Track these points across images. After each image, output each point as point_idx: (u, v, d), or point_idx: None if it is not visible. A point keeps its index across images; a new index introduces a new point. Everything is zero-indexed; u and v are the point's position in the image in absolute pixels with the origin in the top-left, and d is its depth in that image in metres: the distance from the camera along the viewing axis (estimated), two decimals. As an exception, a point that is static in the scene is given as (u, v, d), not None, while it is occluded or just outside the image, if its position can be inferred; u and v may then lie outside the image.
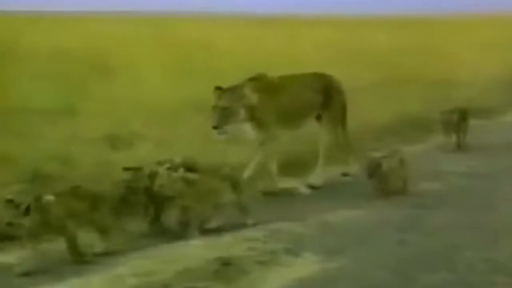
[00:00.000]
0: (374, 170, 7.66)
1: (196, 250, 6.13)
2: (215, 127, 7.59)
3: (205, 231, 6.50)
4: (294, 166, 8.55)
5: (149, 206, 6.61)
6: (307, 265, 5.86)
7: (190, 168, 6.59)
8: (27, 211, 5.52)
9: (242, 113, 7.76)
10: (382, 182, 7.72)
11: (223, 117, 7.60)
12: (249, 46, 13.08)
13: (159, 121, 9.29)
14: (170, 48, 12.23)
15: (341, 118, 8.66)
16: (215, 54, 12.16)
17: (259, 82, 8.02)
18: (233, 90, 7.76)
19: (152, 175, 6.49)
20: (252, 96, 7.82)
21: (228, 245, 6.28)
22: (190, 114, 9.31)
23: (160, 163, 6.62)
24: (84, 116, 9.21)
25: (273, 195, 7.94)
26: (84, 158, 7.71)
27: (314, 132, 8.56)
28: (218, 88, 7.72)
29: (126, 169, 6.58)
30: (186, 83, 10.50)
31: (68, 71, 9.65)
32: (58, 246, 5.97)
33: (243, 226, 6.69)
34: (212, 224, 6.65)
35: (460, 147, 10.24)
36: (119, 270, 5.65)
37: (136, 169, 6.57)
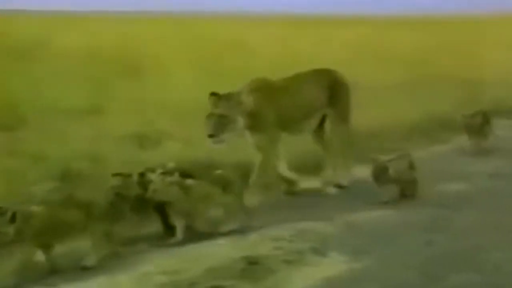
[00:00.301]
0: (380, 174, 7.51)
1: (222, 249, 6.17)
2: (210, 136, 7.26)
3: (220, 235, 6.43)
4: (311, 165, 8.45)
5: (148, 213, 6.45)
6: (334, 265, 5.87)
7: (184, 174, 6.45)
8: (12, 218, 5.38)
9: (240, 120, 7.42)
10: (393, 186, 7.56)
11: (220, 125, 7.27)
12: (279, 46, 13.10)
13: (186, 121, 9.34)
14: (199, 48, 12.28)
15: (346, 115, 8.25)
16: (245, 54, 12.19)
17: (257, 86, 7.72)
18: (230, 97, 7.40)
19: (142, 182, 6.35)
20: (249, 102, 7.51)
21: (254, 244, 6.30)
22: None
23: (151, 170, 6.45)
24: (113, 115, 9.29)
25: (294, 195, 7.93)
26: (112, 156, 7.78)
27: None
28: (213, 94, 7.37)
29: (115, 175, 6.37)
30: (215, 83, 10.48)
31: (97, 71, 9.75)
32: (83, 243, 6.09)
33: (250, 228, 6.57)
34: (225, 227, 6.52)
35: (485, 149, 10.16)
36: (146, 268, 5.71)
37: (126, 176, 6.38)
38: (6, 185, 6.41)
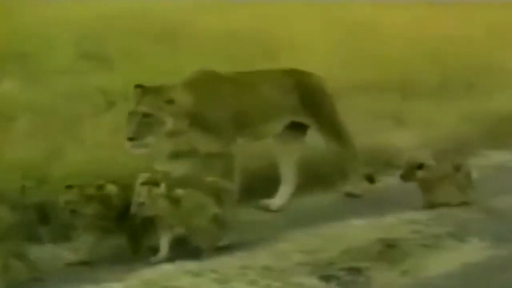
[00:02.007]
0: (409, 173, 6.70)
1: (358, 231, 6.18)
2: (130, 139, 5.94)
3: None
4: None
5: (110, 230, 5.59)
6: (473, 251, 5.77)
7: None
8: None
9: (170, 122, 6.03)
10: (424, 189, 6.77)
11: (143, 126, 5.93)
12: (416, 29, 12.83)
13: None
14: (337, 29, 12.22)
15: (333, 125, 7.07)
16: (382, 37, 12.03)
17: (196, 82, 6.43)
18: (158, 92, 6.06)
19: (101, 196, 5.53)
20: (185, 100, 6.17)
21: (391, 226, 6.27)
22: (354, 95, 9.32)
23: (112, 181, 5.68)
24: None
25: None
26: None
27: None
28: (138, 86, 6.08)
29: (68, 187, 5.49)
30: (352, 65, 10.48)
31: (236, 52, 9.91)
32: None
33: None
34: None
35: None
36: (285, 246, 5.81)
37: (82, 188, 5.51)
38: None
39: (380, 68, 8.89)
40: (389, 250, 5.75)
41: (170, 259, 5.46)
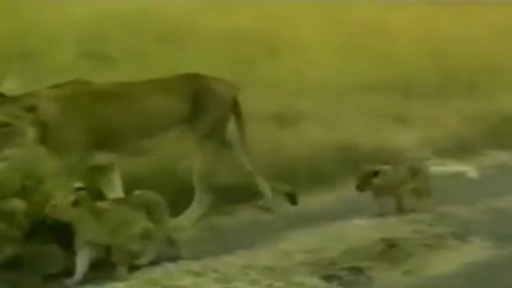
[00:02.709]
0: (363, 183, 6.54)
1: (361, 231, 6.18)
2: None
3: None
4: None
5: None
6: (475, 250, 5.78)
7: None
8: None
9: (31, 132, 5.61)
10: (386, 196, 6.60)
11: (1, 137, 5.51)
12: (420, 28, 12.84)
13: (325, 101, 9.35)
14: (339, 29, 12.22)
15: (215, 136, 6.36)
16: (386, 37, 12.05)
17: (66, 89, 5.90)
18: (18, 100, 5.62)
19: (10, 214, 5.12)
20: (49, 109, 5.69)
21: (393, 226, 6.28)
22: (356, 95, 9.33)
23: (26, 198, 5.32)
24: (252, 95, 9.40)
25: None
26: (251, 135, 7.88)
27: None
28: None
29: None
30: (354, 64, 10.49)
31: (239, 51, 9.92)
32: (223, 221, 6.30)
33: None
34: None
35: None
36: (287, 246, 5.80)
37: None
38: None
39: (382, 68, 8.88)
40: (391, 250, 5.75)
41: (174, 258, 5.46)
